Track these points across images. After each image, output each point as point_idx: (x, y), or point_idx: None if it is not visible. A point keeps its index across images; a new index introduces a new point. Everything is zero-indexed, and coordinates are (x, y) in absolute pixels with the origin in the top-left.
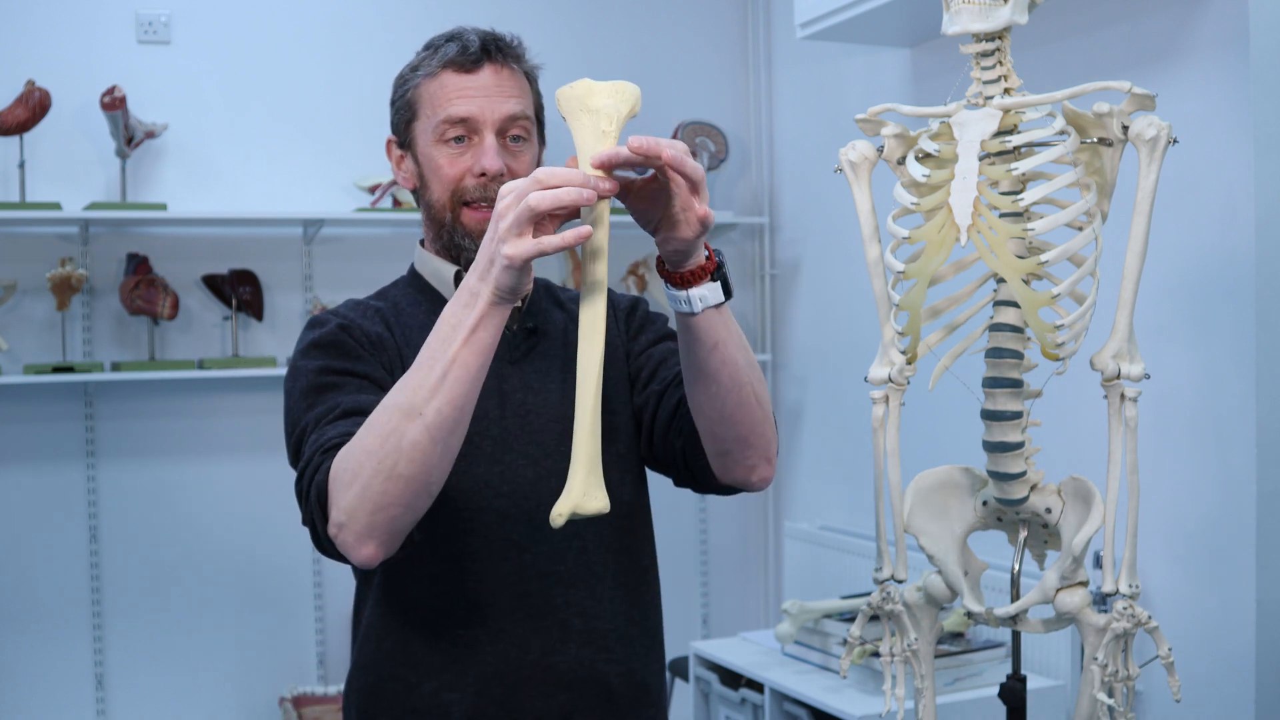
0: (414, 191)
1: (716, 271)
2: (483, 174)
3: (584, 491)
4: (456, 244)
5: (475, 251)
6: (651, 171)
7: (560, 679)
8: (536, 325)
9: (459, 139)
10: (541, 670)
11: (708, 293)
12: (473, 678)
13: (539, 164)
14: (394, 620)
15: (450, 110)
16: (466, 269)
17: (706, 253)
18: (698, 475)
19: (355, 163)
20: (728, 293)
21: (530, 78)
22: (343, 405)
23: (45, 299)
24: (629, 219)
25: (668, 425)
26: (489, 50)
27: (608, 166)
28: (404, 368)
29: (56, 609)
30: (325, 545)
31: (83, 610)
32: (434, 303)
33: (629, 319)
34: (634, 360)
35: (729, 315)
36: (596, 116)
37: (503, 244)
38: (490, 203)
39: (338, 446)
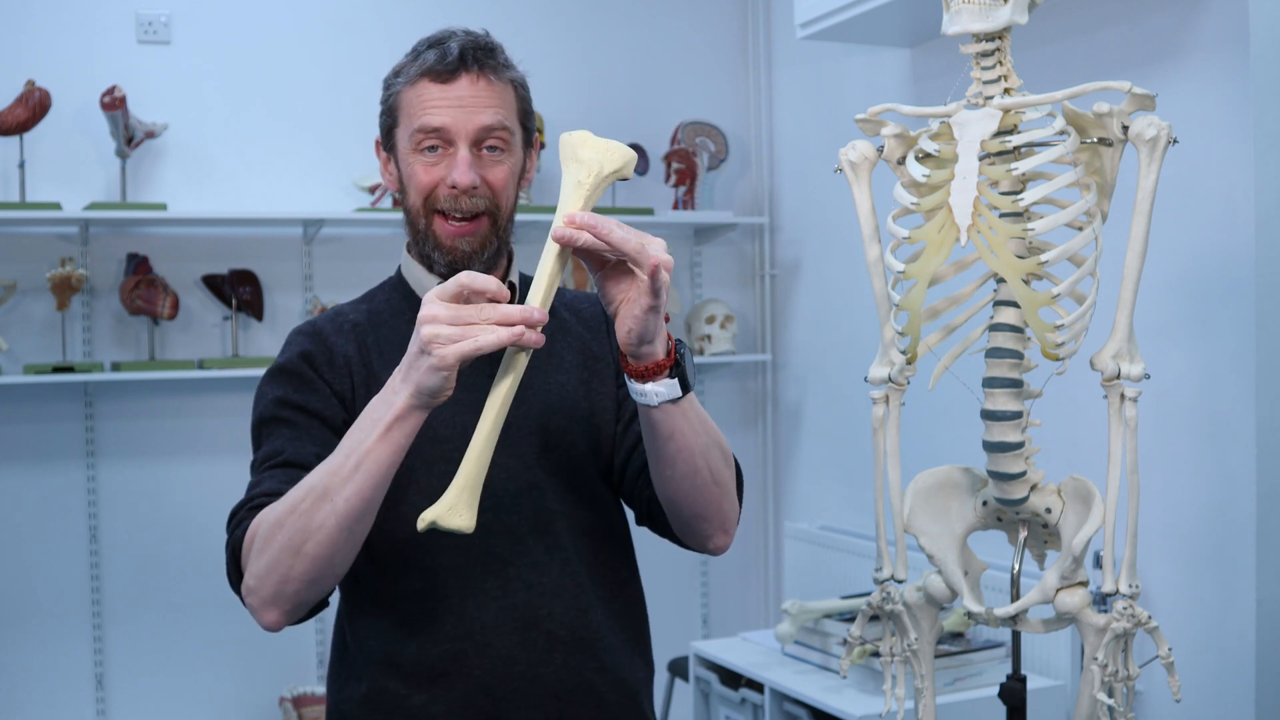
0: (395, 193)
1: (674, 368)
2: (453, 186)
3: (450, 506)
4: (427, 254)
5: (444, 266)
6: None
7: (548, 689)
8: None
9: (433, 148)
10: (529, 681)
11: (664, 389)
12: (460, 691)
13: (524, 172)
14: (383, 632)
15: (424, 121)
16: (444, 279)
17: (669, 344)
18: (659, 526)
19: (355, 163)
20: (686, 386)
21: (515, 84)
22: (285, 454)
23: (45, 299)
24: (626, 218)
25: (637, 476)
26: (466, 59)
27: (563, 239)
28: (374, 388)
29: (56, 609)
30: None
31: (83, 610)
32: (416, 312)
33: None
34: (621, 385)
35: (689, 405)
36: (580, 167)
37: (432, 348)
38: (461, 215)
39: (262, 506)
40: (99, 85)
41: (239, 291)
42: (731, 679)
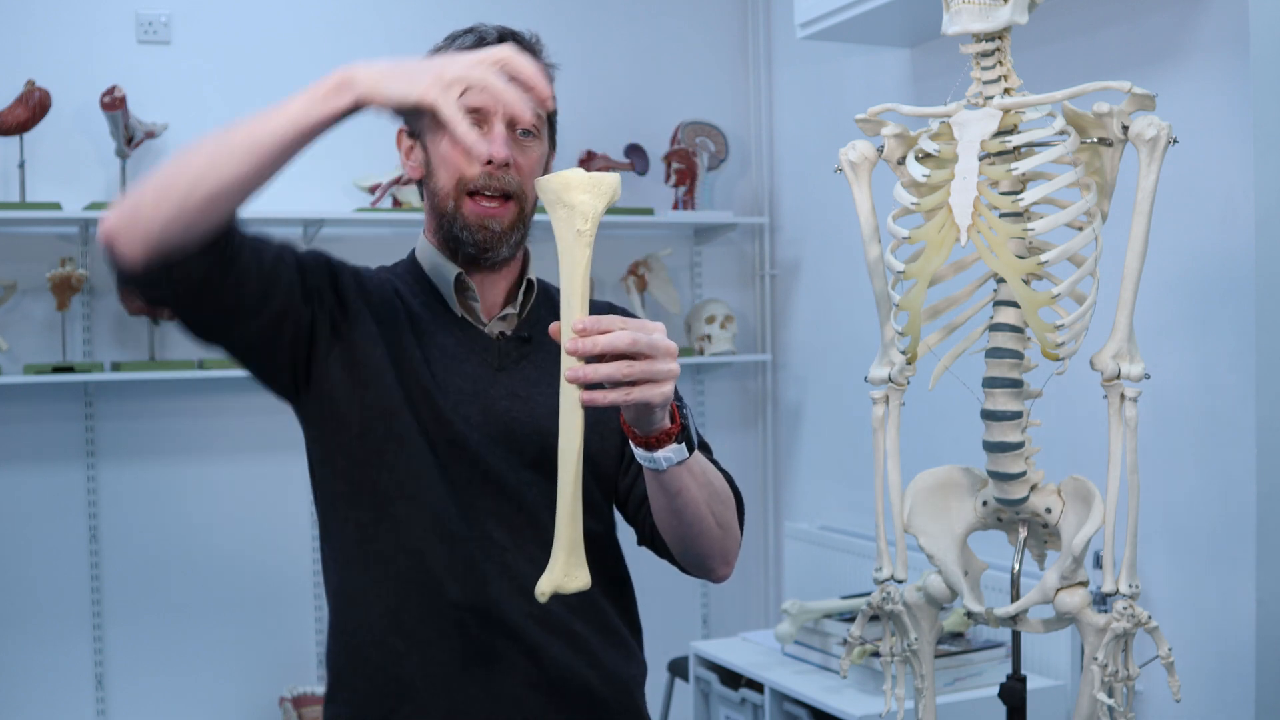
0: (419, 182)
1: (681, 433)
2: (489, 161)
3: (565, 572)
4: (455, 235)
5: (473, 246)
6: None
7: (544, 673)
8: (531, 335)
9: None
10: (531, 664)
11: (673, 454)
12: (463, 655)
13: (548, 167)
14: (383, 587)
15: (463, 100)
16: (465, 266)
17: (672, 409)
18: (661, 552)
19: (355, 163)
20: (692, 446)
21: (546, 78)
22: (264, 233)
23: (45, 299)
24: (626, 218)
25: (642, 501)
26: (504, 44)
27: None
28: (370, 344)
29: (56, 609)
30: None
31: (83, 610)
32: (430, 296)
33: None
34: None
35: (693, 461)
36: (572, 213)
37: (444, 72)
38: (494, 193)
39: None
40: (99, 85)
41: None
42: (731, 679)
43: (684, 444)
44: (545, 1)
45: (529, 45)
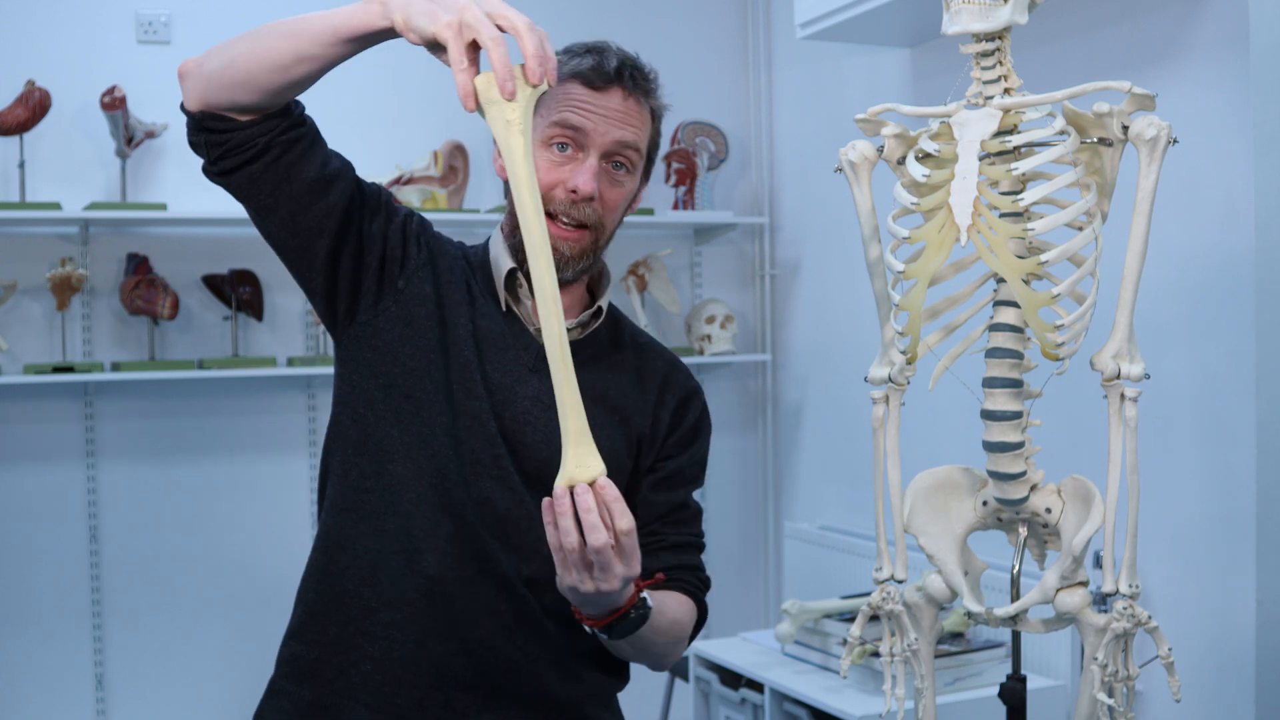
0: (506, 181)
1: (636, 607)
2: (574, 190)
3: (577, 463)
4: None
5: None
6: None
7: (499, 660)
8: (578, 354)
9: (563, 147)
10: (486, 649)
11: (621, 630)
12: (423, 625)
13: (637, 199)
14: (371, 541)
15: (566, 115)
16: (526, 273)
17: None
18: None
19: (356, 163)
20: (644, 619)
21: (655, 113)
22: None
23: (45, 299)
24: (626, 218)
25: None
26: (623, 75)
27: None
28: (449, 309)
29: (56, 609)
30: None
31: (83, 610)
32: (485, 284)
33: (677, 410)
34: (652, 467)
35: (652, 619)
36: (501, 107)
37: (464, 15)
38: (572, 221)
39: None
40: (99, 85)
41: (239, 291)
42: (731, 679)
43: (641, 615)
44: (545, 2)
45: (645, 77)
